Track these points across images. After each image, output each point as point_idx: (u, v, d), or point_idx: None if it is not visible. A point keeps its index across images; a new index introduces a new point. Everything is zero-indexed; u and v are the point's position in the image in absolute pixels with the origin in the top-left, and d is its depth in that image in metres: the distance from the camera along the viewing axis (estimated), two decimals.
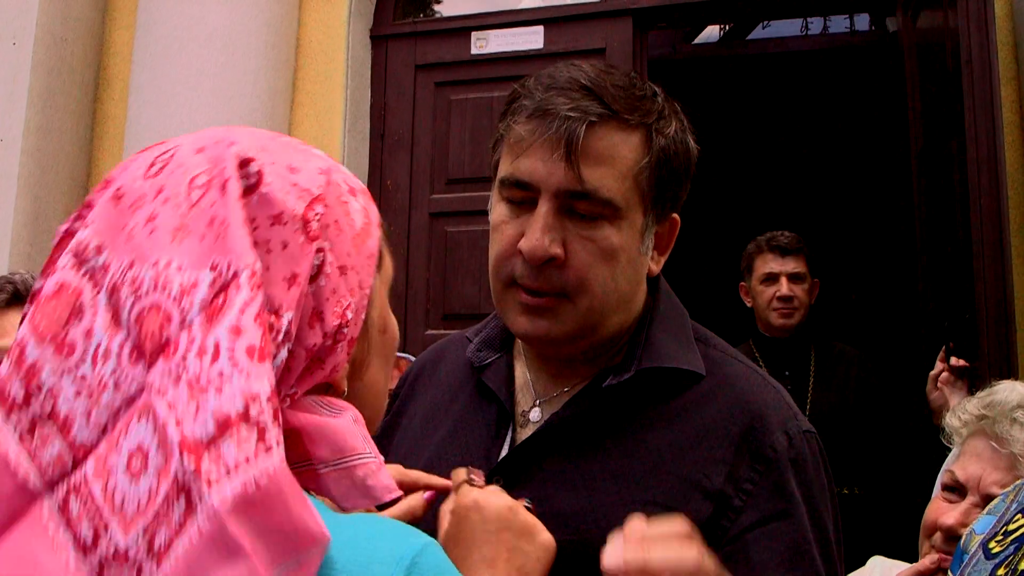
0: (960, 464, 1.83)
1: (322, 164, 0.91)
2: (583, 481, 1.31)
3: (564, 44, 4.44)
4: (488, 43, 4.58)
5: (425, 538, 0.81)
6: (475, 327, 1.60)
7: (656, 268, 1.43)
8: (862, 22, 6.56)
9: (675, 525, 1.12)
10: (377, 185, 4.63)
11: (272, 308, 0.80)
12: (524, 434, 1.40)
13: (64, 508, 0.77)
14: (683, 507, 1.23)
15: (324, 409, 0.87)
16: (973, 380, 3.02)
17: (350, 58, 4.64)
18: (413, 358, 2.30)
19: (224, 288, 0.77)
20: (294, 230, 0.83)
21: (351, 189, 0.93)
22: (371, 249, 0.93)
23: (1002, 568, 0.95)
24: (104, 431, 0.78)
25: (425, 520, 1.34)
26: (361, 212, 0.93)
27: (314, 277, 0.85)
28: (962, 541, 1.16)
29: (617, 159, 1.31)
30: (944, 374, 3.09)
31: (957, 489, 1.82)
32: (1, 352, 1.94)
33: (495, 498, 1.18)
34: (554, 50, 4.42)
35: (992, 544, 1.02)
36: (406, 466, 1.45)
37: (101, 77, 4.89)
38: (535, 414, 1.42)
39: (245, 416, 0.73)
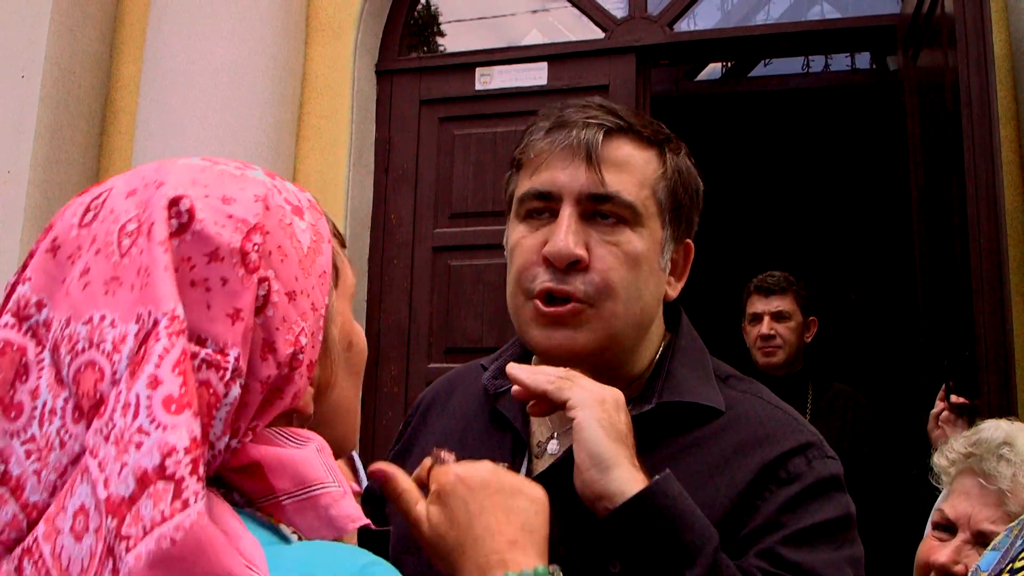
0: (950, 503, 1.84)
1: (259, 190, 0.87)
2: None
3: (568, 80, 4.48)
4: (492, 79, 4.62)
5: (370, 557, 0.80)
6: (491, 356, 1.60)
7: (672, 293, 1.44)
8: (863, 60, 6.61)
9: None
10: (381, 219, 4.66)
11: (217, 347, 0.79)
12: (540, 465, 1.39)
13: (19, 571, 0.77)
14: None
15: (288, 441, 0.86)
16: (973, 418, 3.02)
17: (355, 93, 4.68)
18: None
19: (146, 339, 0.76)
20: (232, 264, 0.81)
21: (296, 208, 0.91)
22: (322, 267, 0.91)
23: None
24: (54, 491, 0.78)
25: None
26: (308, 231, 0.90)
27: (260, 308, 0.83)
28: None
29: (635, 167, 1.35)
30: (945, 412, 3.09)
31: (948, 527, 1.82)
32: None
33: (474, 467, 1.15)
34: (558, 86, 4.46)
35: None
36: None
37: (108, 110, 4.93)
38: (552, 446, 1.41)
39: (161, 471, 0.71)
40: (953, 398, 3.05)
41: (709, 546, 1.17)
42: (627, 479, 1.16)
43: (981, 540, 1.72)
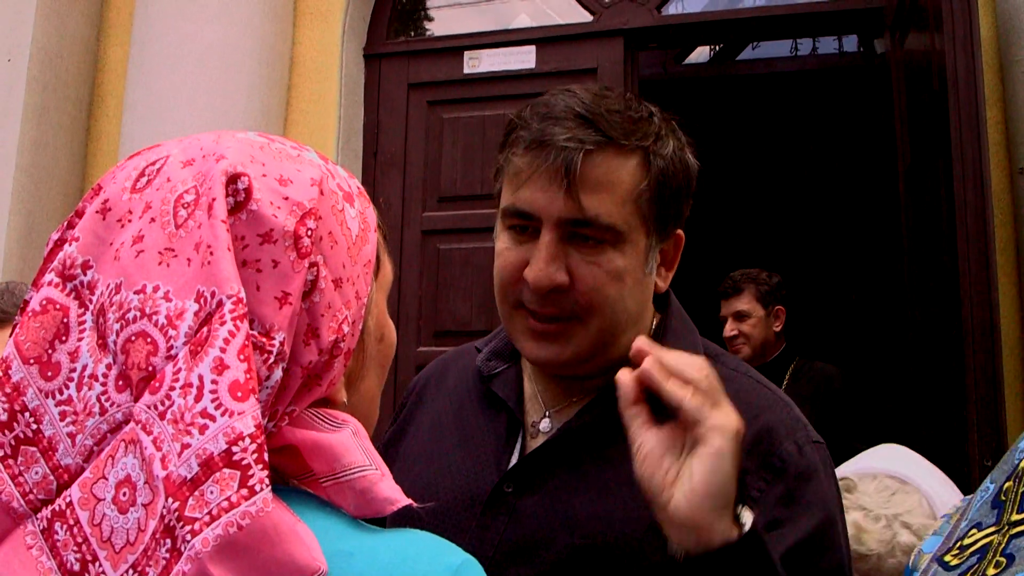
0: None
1: (315, 173, 0.86)
2: (596, 487, 1.32)
3: (556, 64, 4.48)
4: (481, 62, 4.62)
5: (464, 555, 0.80)
6: (485, 338, 1.60)
7: (663, 284, 1.44)
8: (850, 43, 6.62)
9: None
10: None
11: (263, 329, 0.78)
12: (534, 443, 1.41)
13: (48, 533, 0.76)
14: None
15: (324, 423, 0.85)
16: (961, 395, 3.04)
17: (343, 76, 4.67)
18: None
19: (208, 319, 0.75)
20: (285, 247, 0.80)
21: (347, 195, 0.90)
22: (367, 256, 0.90)
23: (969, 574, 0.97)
24: (89, 457, 0.77)
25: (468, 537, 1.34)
26: (357, 219, 0.90)
27: (307, 293, 0.82)
28: (911, 561, 1.19)
29: (616, 184, 1.31)
30: None
31: None
32: None
33: None
34: (546, 70, 4.46)
35: (948, 558, 1.04)
36: (416, 474, 1.46)
37: (95, 94, 4.91)
38: (545, 424, 1.43)
39: (228, 457, 0.71)
40: None
41: None
42: (730, 522, 1.12)
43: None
